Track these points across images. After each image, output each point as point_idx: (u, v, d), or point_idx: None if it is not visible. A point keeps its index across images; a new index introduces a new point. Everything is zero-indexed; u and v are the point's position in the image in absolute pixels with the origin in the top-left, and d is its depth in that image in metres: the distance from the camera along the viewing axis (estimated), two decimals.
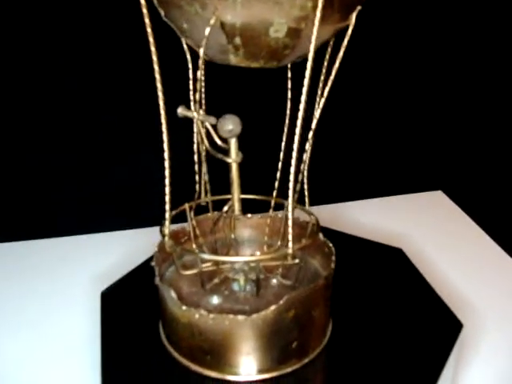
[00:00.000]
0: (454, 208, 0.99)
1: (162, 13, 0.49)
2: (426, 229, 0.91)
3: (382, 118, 1.00)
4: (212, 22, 0.44)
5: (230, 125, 0.53)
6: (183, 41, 0.54)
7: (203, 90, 0.48)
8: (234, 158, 0.55)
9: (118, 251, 0.86)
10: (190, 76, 0.56)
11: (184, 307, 0.54)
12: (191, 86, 0.56)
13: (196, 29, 0.47)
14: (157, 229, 0.70)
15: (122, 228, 0.93)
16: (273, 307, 0.52)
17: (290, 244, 0.51)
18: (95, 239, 0.91)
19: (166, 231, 0.54)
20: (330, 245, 0.58)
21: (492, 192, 0.96)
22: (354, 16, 0.49)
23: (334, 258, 0.57)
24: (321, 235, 0.59)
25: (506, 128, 0.95)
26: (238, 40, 0.46)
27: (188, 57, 0.55)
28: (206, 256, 0.54)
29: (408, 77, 0.97)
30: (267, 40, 0.46)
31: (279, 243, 0.64)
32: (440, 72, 0.98)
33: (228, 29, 0.45)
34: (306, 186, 0.58)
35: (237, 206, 0.57)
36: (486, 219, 0.92)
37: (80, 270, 0.82)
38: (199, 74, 0.46)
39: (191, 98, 0.56)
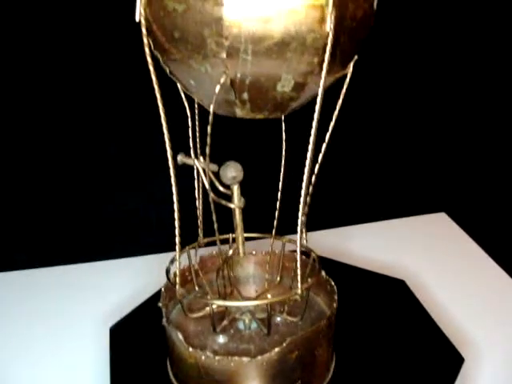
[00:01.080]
0: (457, 231, 0.98)
1: (168, 70, 0.51)
2: (429, 254, 0.90)
3: (385, 139, 1.01)
4: (222, 80, 0.46)
5: (233, 172, 0.55)
6: (180, 89, 0.55)
7: (209, 142, 0.49)
8: (237, 203, 0.56)
9: (125, 279, 0.86)
10: (189, 124, 0.58)
11: (191, 349, 0.55)
12: (190, 134, 0.58)
13: (204, 86, 0.48)
14: (161, 256, 0.72)
15: (123, 256, 0.93)
16: (277, 349, 0.53)
17: (299, 285, 0.54)
18: (99, 267, 0.91)
19: (177, 280, 0.55)
20: (333, 283, 0.60)
21: (495, 213, 0.97)
22: (351, 65, 0.52)
23: (336, 297, 0.59)
24: (323, 273, 0.61)
25: (510, 150, 0.98)
26: (245, 95, 0.48)
27: (186, 105, 0.57)
28: (219, 302, 0.56)
29: (409, 99, 0.99)
30: (274, 94, 0.48)
31: (278, 278, 0.66)
32: (441, 97, 1.00)
33: (237, 85, 0.47)
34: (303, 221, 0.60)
35: (241, 249, 0.59)
36: (489, 241, 0.92)
37: (87, 299, 0.82)
38: (209, 129, 0.48)
39: (191, 145, 0.58)
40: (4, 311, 0.81)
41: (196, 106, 0.57)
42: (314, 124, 0.49)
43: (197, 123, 0.58)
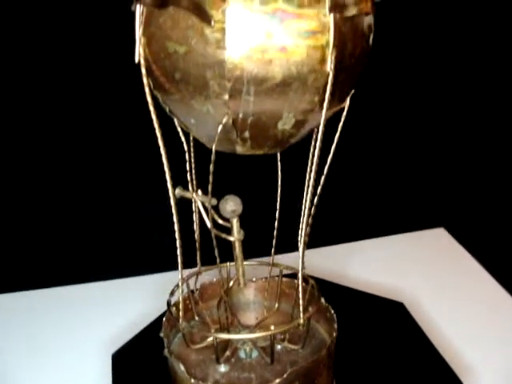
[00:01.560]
0: (456, 247, 0.97)
1: (167, 109, 0.51)
2: (427, 272, 0.89)
3: (383, 154, 1.01)
4: (224, 120, 0.46)
5: (233, 206, 0.55)
6: (177, 124, 0.55)
7: (211, 180, 0.50)
8: (236, 236, 0.57)
9: (127, 300, 0.85)
10: (186, 158, 0.58)
11: (193, 380, 0.55)
12: (188, 168, 0.58)
13: (205, 125, 0.49)
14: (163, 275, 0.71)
15: (125, 275, 0.93)
16: (278, 380, 0.54)
17: (301, 315, 0.55)
18: (100, 287, 0.90)
19: (180, 314, 0.55)
20: (332, 311, 0.61)
21: (494, 227, 0.97)
22: (348, 99, 0.52)
23: (335, 325, 0.59)
24: (323, 300, 0.61)
25: (508, 164, 0.99)
26: (246, 134, 0.48)
27: (183, 139, 0.57)
28: (223, 336, 0.56)
29: (405, 115, 0.99)
30: (275, 132, 0.48)
31: (276, 305, 0.66)
32: (437, 113, 1.01)
33: (238, 125, 0.47)
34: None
35: (241, 281, 0.59)
36: (488, 257, 0.91)
37: (89, 321, 0.81)
38: (211, 167, 0.48)
39: (188, 178, 0.58)
40: (3, 334, 0.80)
41: (192, 138, 0.57)
42: (315, 160, 0.49)
43: (192, 153, 0.58)
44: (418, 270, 0.89)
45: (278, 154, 0.60)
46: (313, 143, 0.56)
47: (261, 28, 0.43)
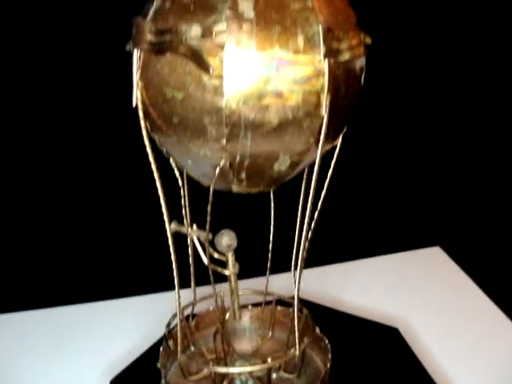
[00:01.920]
0: (452, 266, 0.95)
1: (164, 150, 0.51)
2: (423, 293, 0.88)
3: (378, 172, 1.02)
4: (222, 163, 0.47)
5: (228, 240, 0.56)
6: (172, 160, 0.56)
7: (208, 219, 0.51)
8: (231, 270, 0.58)
9: (124, 321, 0.85)
10: (181, 194, 0.59)
11: None
12: (183, 203, 0.59)
13: (202, 166, 0.49)
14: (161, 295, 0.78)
15: (119, 296, 0.92)
16: None
17: (297, 346, 0.56)
18: (95, 308, 0.89)
19: (179, 348, 0.56)
20: (327, 341, 0.62)
21: (490, 246, 0.97)
22: (340, 137, 0.53)
23: (330, 355, 0.60)
24: (317, 330, 0.62)
25: (504, 183, 1.00)
26: (243, 175, 0.49)
27: (177, 175, 0.58)
28: (221, 369, 0.57)
29: (400, 135, 1.01)
30: (270, 173, 0.49)
31: (270, 333, 0.67)
32: (431, 134, 1.02)
33: (235, 167, 0.48)
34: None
35: (237, 313, 0.60)
36: (484, 276, 0.90)
37: (86, 344, 0.80)
38: (209, 208, 0.49)
39: (183, 214, 0.59)
40: None
41: (186, 175, 0.58)
42: (309, 201, 0.50)
43: (186, 189, 0.59)
44: (413, 291, 0.89)
45: (272, 207, 0.62)
46: (305, 177, 0.57)
47: (258, 75, 0.44)
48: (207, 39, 0.44)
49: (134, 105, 0.48)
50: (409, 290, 0.89)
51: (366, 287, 0.89)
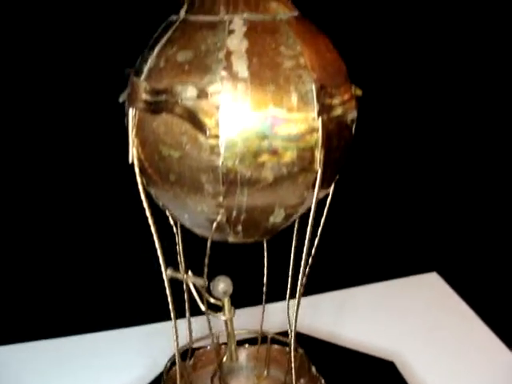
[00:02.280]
0: (448, 292, 0.95)
1: (160, 203, 0.52)
2: (419, 322, 0.87)
3: (373, 198, 1.02)
4: (218, 218, 0.48)
5: (224, 287, 0.56)
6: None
7: (206, 271, 0.51)
8: (228, 315, 0.58)
9: (123, 352, 0.84)
10: (176, 240, 0.59)
11: None
12: (178, 250, 0.59)
13: (198, 220, 0.50)
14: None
15: (115, 327, 0.91)
16: None
17: None
18: (90, 339, 0.88)
19: None
20: (323, 381, 0.62)
21: (487, 271, 0.97)
22: (332, 185, 0.54)
23: None
24: (314, 369, 0.63)
25: (500, 209, 1.01)
26: (239, 228, 0.50)
27: (172, 222, 0.58)
28: None
29: (395, 162, 1.01)
30: (266, 225, 0.50)
31: (266, 372, 0.68)
32: (425, 162, 1.03)
33: (231, 221, 0.49)
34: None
35: (234, 356, 0.61)
36: (481, 302, 0.90)
37: (87, 377, 0.79)
38: (206, 260, 0.49)
39: (179, 260, 0.59)
40: None
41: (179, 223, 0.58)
42: (305, 249, 0.51)
43: (180, 236, 0.59)
44: (409, 319, 0.88)
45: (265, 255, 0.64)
46: (296, 225, 0.58)
47: (253, 133, 0.44)
48: (203, 100, 0.44)
49: (130, 161, 0.49)
50: (405, 318, 0.88)
51: (361, 315, 0.88)
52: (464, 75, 0.99)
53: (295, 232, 0.59)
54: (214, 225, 0.48)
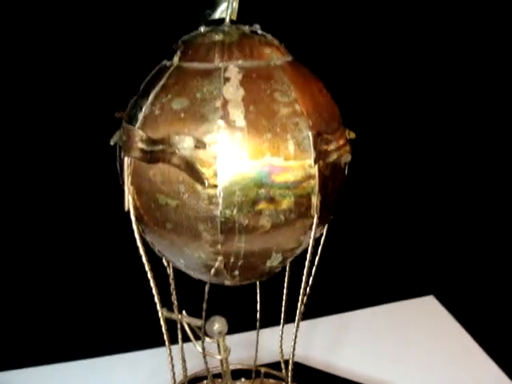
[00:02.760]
0: (445, 316, 0.94)
1: (156, 249, 0.52)
2: (416, 345, 0.87)
3: (370, 221, 1.02)
4: (216, 265, 0.48)
5: (219, 327, 0.56)
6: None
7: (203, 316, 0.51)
8: (223, 355, 0.58)
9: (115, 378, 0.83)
10: (170, 281, 0.59)
11: None
12: (172, 290, 0.59)
13: (195, 266, 0.50)
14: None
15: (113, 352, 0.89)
16: None
17: None
18: (88, 365, 0.86)
19: None
20: None
21: (484, 295, 0.97)
22: (326, 226, 0.55)
23: None
24: None
25: (497, 231, 1.02)
26: (236, 272, 0.50)
27: (165, 263, 0.58)
28: None
29: (391, 183, 1.02)
30: (262, 268, 0.50)
31: None
32: (422, 184, 1.04)
33: (229, 266, 0.49)
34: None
35: None
36: (478, 327, 0.89)
37: None
38: (204, 305, 0.49)
39: (173, 300, 0.59)
40: None
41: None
42: (301, 291, 0.51)
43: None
44: (406, 343, 0.87)
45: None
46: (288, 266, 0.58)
47: (251, 182, 0.45)
48: (200, 150, 0.44)
49: (125, 209, 0.48)
50: (402, 342, 0.87)
51: (358, 340, 0.88)
52: (452, 116, 1.00)
53: (287, 273, 0.59)
54: (212, 271, 0.48)
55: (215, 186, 0.44)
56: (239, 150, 0.44)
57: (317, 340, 0.86)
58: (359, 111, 0.62)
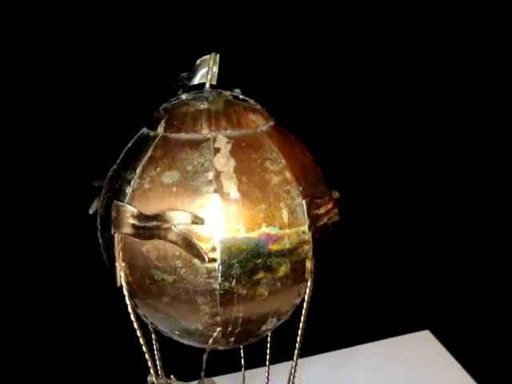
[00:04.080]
0: (441, 351, 0.94)
1: (149, 322, 0.51)
2: (412, 381, 0.87)
3: (365, 257, 1.01)
4: (214, 335, 0.47)
5: None
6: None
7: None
8: None
9: None
10: (157, 346, 0.58)
11: None
12: (157, 356, 0.58)
13: (190, 337, 0.49)
14: None
15: None
16: None
17: None
18: None
19: None
20: None
21: (480, 330, 0.98)
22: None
23: None
24: None
25: (493, 264, 1.03)
26: (232, 339, 0.49)
27: (151, 329, 0.57)
28: None
29: (389, 218, 1.02)
30: (258, 333, 0.50)
31: None
32: (417, 218, 1.04)
33: (226, 334, 0.48)
34: None
35: None
36: (472, 360, 0.90)
37: None
38: (202, 374, 0.49)
39: (159, 366, 0.58)
40: None
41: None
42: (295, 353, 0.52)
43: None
44: (403, 379, 0.87)
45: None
46: None
47: (248, 254, 0.45)
48: (196, 225, 0.44)
49: (118, 285, 0.47)
50: (397, 378, 0.87)
51: (352, 377, 0.88)
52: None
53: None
54: (210, 341, 0.48)
55: (214, 260, 0.44)
56: (235, 222, 0.44)
57: (312, 378, 0.86)
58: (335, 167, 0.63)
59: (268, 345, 0.61)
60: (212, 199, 0.44)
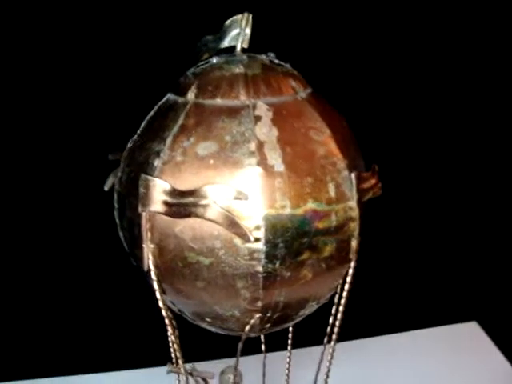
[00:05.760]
0: (487, 343, 0.91)
1: (177, 309, 0.46)
2: (456, 372, 0.85)
3: (414, 244, 0.97)
4: (252, 322, 0.44)
5: (233, 378, 0.52)
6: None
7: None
8: None
9: None
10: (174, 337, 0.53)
11: None
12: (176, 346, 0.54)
13: (223, 324, 0.45)
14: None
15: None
16: None
17: None
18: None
19: None
20: None
21: None
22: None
23: None
24: None
25: None
26: (267, 325, 0.46)
27: (167, 322, 0.52)
28: None
29: (435, 208, 0.98)
30: (294, 318, 0.47)
31: None
32: (465, 205, 1.00)
33: (264, 321, 0.45)
34: None
35: None
36: None
37: None
38: (236, 362, 0.45)
39: (173, 355, 0.54)
40: None
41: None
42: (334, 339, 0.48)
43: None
44: (446, 369, 0.85)
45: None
46: None
47: (294, 232, 0.41)
48: (239, 201, 0.39)
49: (145, 269, 0.43)
50: (441, 367, 0.85)
51: (398, 363, 0.86)
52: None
53: None
54: (247, 328, 0.44)
55: (258, 240, 0.40)
56: (281, 198, 0.40)
57: (356, 362, 0.83)
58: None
59: (290, 328, 0.57)
60: (255, 172, 0.40)
